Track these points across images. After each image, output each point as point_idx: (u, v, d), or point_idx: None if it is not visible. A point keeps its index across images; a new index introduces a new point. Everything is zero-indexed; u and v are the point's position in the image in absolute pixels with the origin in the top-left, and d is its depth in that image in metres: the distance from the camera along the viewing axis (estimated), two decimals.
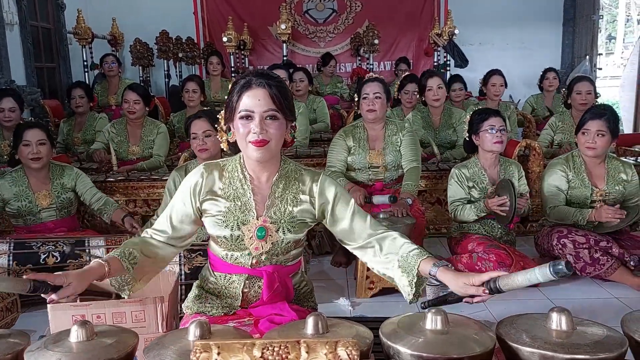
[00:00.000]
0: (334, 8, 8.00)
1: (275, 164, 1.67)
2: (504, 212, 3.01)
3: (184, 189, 1.67)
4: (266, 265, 1.67)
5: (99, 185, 3.73)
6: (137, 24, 7.27)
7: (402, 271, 1.58)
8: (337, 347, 1.05)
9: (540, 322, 1.32)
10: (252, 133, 1.54)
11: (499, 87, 4.85)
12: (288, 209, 1.65)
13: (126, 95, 4.06)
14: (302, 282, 1.82)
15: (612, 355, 1.19)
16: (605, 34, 18.84)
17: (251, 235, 1.63)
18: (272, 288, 1.65)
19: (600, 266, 3.01)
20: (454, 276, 1.50)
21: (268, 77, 1.57)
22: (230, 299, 1.70)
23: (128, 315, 1.93)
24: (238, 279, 1.69)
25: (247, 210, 1.63)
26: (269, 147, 1.56)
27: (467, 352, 1.21)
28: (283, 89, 1.58)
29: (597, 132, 3.08)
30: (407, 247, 1.60)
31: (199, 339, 1.27)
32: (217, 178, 1.66)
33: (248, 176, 1.66)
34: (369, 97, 3.33)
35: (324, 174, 1.71)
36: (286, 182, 1.67)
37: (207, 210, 1.65)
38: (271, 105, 1.55)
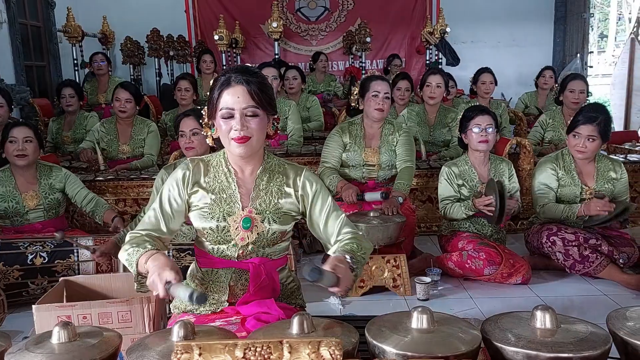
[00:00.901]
0: (326, 6, 8.00)
1: (259, 158, 1.70)
2: (490, 212, 3.01)
3: (173, 183, 1.67)
4: (252, 258, 1.68)
5: (88, 184, 3.70)
6: (127, 22, 7.23)
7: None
8: (320, 347, 1.05)
9: (524, 321, 1.32)
10: (233, 130, 1.57)
11: (489, 85, 4.86)
12: (273, 200, 1.69)
13: (117, 93, 4.03)
14: (289, 278, 1.82)
15: (595, 353, 1.19)
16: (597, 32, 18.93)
17: (237, 225, 1.65)
18: (258, 281, 1.66)
19: (589, 263, 3.02)
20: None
21: (247, 74, 1.59)
22: (218, 293, 1.70)
23: (114, 315, 1.93)
24: (225, 272, 1.70)
25: (233, 202, 1.66)
26: (250, 142, 1.59)
27: (452, 351, 1.20)
28: (262, 85, 1.60)
29: (588, 136, 3.08)
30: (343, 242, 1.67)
31: (183, 339, 1.26)
32: (202, 171, 1.69)
33: (232, 170, 1.69)
34: (379, 95, 3.29)
35: (306, 169, 1.75)
36: (270, 175, 1.71)
37: (193, 203, 1.67)
38: (250, 102, 1.57)
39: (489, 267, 3.00)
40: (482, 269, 3.01)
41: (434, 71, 4.33)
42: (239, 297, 1.68)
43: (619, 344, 1.29)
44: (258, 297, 1.66)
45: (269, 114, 1.64)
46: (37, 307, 1.90)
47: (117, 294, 2.19)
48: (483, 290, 3.00)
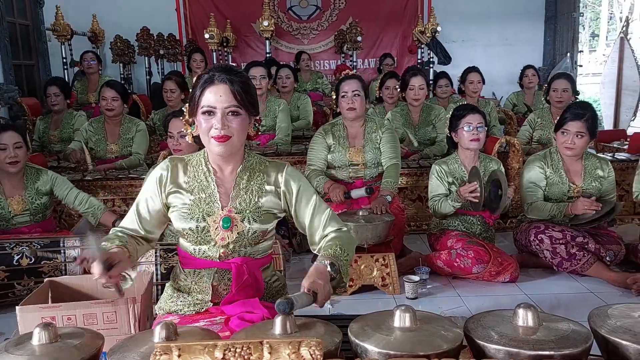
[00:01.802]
0: (317, 5, 7.99)
1: (239, 156, 1.70)
2: (475, 199, 3.02)
3: (150, 184, 1.68)
4: (235, 257, 1.68)
5: (76, 184, 3.68)
6: (117, 21, 7.19)
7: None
8: (301, 347, 1.04)
9: (507, 319, 1.32)
10: (214, 128, 1.57)
11: (476, 84, 4.88)
12: (253, 199, 1.68)
13: (103, 92, 4.01)
14: (273, 277, 1.82)
15: (576, 351, 1.19)
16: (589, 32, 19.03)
17: (216, 226, 1.65)
18: (241, 280, 1.66)
19: (576, 261, 3.04)
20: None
21: (230, 73, 1.59)
22: (201, 294, 1.70)
23: (99, 316, 1.92)
24: (207, 273, 1.69)
25: (212, 201, 1.66)
26: (231, 142, 1.59)
27: (433, 350, 1.20)
28: (246, 85, 1.60)
29: (576, 133, 3.10)
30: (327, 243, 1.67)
31: (165, 340, 1.25)
32: (181, 171, 1.69)
33: (212, 169, 1.69)
34: (347, 95, 3.32)
35: (288, 165, 1.75)
36: (250, 174, 1.70)
37: (172, 204, 1.67)
38: (233, 101, 1.57)
39: (477, 266, 3.01)
40: (470, 267, 3.02)
41: (415, 73, 4.32)
42: (223, 297, 1.67)
43: (600, 342, 1.29)
44: (242, 296, 1.65)
45: (250, 114, 1.63)
46: (21, 308, 1.88)
47: (102, 295, 2.17)
48: (471, 288, 3.01)
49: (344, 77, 3.46)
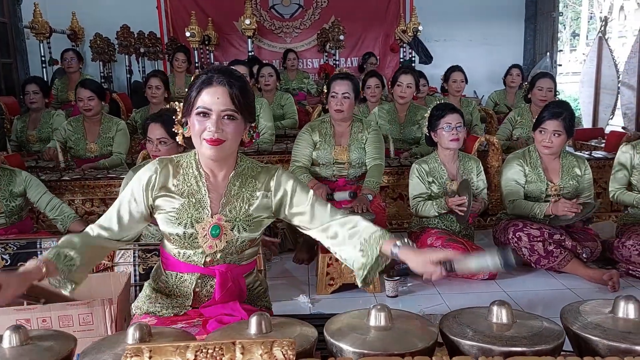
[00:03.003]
0: (299, 3, 7.96)
1: (232, 161, 1.64)
2: (462, 212, 3.05)
3: (136, 185, 1.61)
4: (219, 264, 1.64)
5: (54, 184, 3.65)
6: (97, 18, 7.09)
7: (362, 254, 1.57)
8: (273, 347, 1.04)
9: (482, 316, 1.33)
10: (207, 131, 1.51)
11: (459, 84, 4.91)
12: (244, 207, 1.63)
13: (79, 92, 3.95)
14: (256, 282, 1.79)
15: (548, 347, 1.21)
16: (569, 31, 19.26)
17: (205, 233, 1.60)
18: (224, 287, 1.62)
19: (554, 258, 3.08)
20: (415, 254, 1.51)
21: (231, 76, 1.53)
22: (181, 298, 1.67)
23: (75, 318, 1.88)
24: (190, 278, 1.65)
25: (202, 207, 1.60)
26: (223, 146, 1.53)
27: (408, 348, 1.21)
28: (244, 89, 1.55)
29: (553, 131, 3.14)
30: (369, 230, 1.60)
31: (138, 341, 1.24)
32: (171, 174, 1.62)
33: (203, 173, 1.63)
34: (337, 96, 3.31)
35: (280, 168, 1.70)
36: (242, 180, 1.65)
37: (159, 207, 1.61)
38: (230, 105, 1.51)
39: None
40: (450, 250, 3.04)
41: (406, 70, 4.34)
42: (203, 302, 1.65)
43: (572, 338, 1.32)
44: (223, 302, 1.62)
45: (246, 120, 1.58)
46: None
47: (80, 296, 2.13)
48: (451, 286, 3.03)
49: (337, 75, 3.45)
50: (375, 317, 1.31)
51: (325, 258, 2.95)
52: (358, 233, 1.59)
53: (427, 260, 1.46)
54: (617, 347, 1.19)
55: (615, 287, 2.90)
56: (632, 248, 3.02)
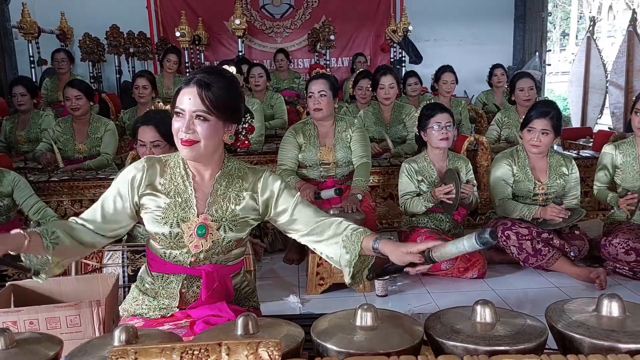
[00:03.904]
0: (290, 3, 7.97)
1: (217, 161, 1.64)
2: (450, 200, 3.07)
3: (122, 181, 1.61)
4: (205, 264, 1.64)
5: (42, 185, 3.63)
6: (87, 18, 7.06)
7: (346, 251, 1.57)
8: (259, 348, 1.05)
9: (466, 315, 1.35)
10: (180, 131, 1.52)
11: (450, 84, 4.94)
12: (230, 207, 1.63)
13: (66, 92, 3.93)
14: (243, 283, 1.79)
15: (531, 345, 1.22)
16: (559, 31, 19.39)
17: (191, 232, 1.60)
18: (210, 288, 1.62)
19: (542, 256, 3.11)
20: (394, 247, 1.52)
21: (209, 76, 1.53)
22: (168, 299, 1.66)
23: (63, 320, 1.88)
24: (176, 279, 1.65)
25: (188, 207, 1.61)
26: (197, 147, 1.53)
27: (393, 348, 1.22)
28: (222, 89, 1.53)
29: (541, 130, 3.17)
30: (351, 227, 1.61)
31: (124, 344, 1.24)
32: (158, 173, 1.62)
33: (190, 173, 1.64)
34: (314, 95, 3.33)
35: (267, 170, 1.70)
36: (229, 180, 1.65)
37: (145, 205, 1.61)
38: (200, 106, 1.51)
39: (446, 262, 3.05)
40: (439, 263, 3.04)
41: (385, 72, 4.33)
42: (190, 304, 1.65)
43: (557, 336, 1.33)
44: (210, 302, 1.62)
45: (226, 120, 1.56)
46: None
47: (68, 298, 2.13)
48: (440, 285, 3.05)
49: (313, 76, 3.48)
50: (361, 317, 1.31)
51: (315, 258, 2.96)
52: (341, 231, 1.61)
53: (405, 251, 1.48)
54: (600, 345, 1.21)
55: (602, 285, 2.93)
56: (618, 246, 3.05)
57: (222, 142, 1.62)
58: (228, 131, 1.59)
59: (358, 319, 1.32)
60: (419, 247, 1.47)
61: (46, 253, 1.48)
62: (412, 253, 1.47)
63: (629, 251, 3.01)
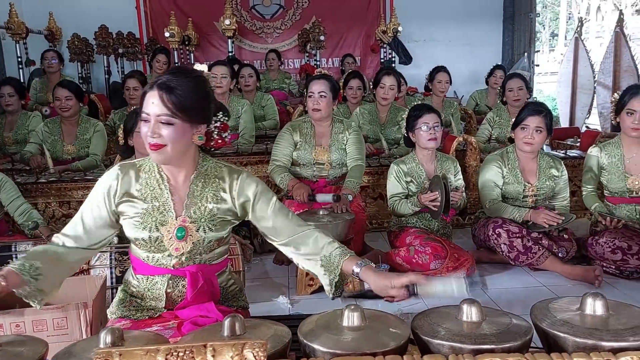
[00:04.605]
0: (280, 4, 7.97)
1: (191, 162, 1.64)
2: (435, 207, 3.08)
3: (97, 192, 1.61)
4: (189, 265, 1.64)
5: (30, 187, 3.61)
6: (75, 19, 7.02)
7: (325, 270, 1.61)
8: (244, 349, 1.05)
9: (452, 314, 1.35)
10: (148, 135, 1.52)
11: (444, 84, 4.97)
12: (208, 207, 1.63)
13: (56, 92, 3.91)
14: (229, 281, 1.79)
15: (516, 344, 1.23)
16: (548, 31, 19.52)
17: (170, 235, 1.60)
18: (195, 287, 1.63)
19: (532, 254, 3.12)
20: (377, 278, 1.53)
21: (172, 78, 1.52)
22: (154, 300, 1.66)
23: (49, 322, 1.87)
24: (161, 280, 1.65)
25: (166, 210, 1.61)
26: (164, 151, 1.53)
27: (380, 347, 1.22)
28: (187, 91, 1.51)
29: (535, 128, 3.19)
30: (329, 247, 1.63)
31: (110, 346, 1.23)
32: (133, 179, 1.62)
33: (165, 176, 1.63)
34: (314, 95, 3.33)
35: (243, 172, 1.69)
36: (205, 180, 1.65)
37: (124, 213, 1.61)
38: (163, 109, 1.50)
39: (434, 262, 3.06)
40: (428, 263, 3.07)
41: (388, 72, 4.35)
42: (177, 304, 1.65)
43: (541, 335, 1.34)
44: (197, 302, 1.62)
45: (192, 122, 1.55)
46: None
47: (54, 300, 2.12)
48: None
49: (314, 76, 3.47)
50: (348, 317, 1.32)
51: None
52: (318, 250, 1.63)
53: (389, 285, 1.49)
54: (584, 344, 1.22)
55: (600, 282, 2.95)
56: (605, 245, 3.07)
57: (193, 143, 1.61)
58: (197, 132, 1.58)
59: (345, 319, 1.32)
60: (401, 281, 1.48)
61: (30, 286, 1.47)
62: (396, 288, 1.48)
63: (615, 250, 3.04)
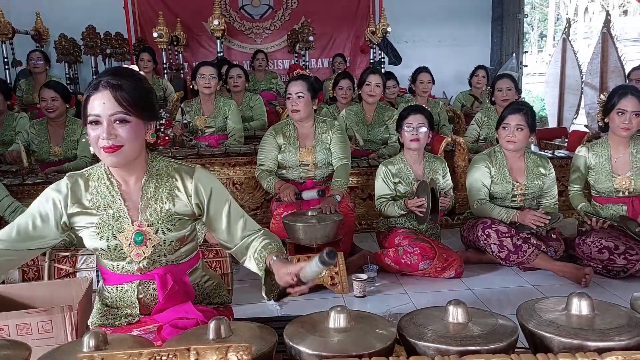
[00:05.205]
0: (269, 4, 7.96)
1: (141, 164, 1.60)
2: (421, 213, 3.09)
3: (43, 203, 1.56)
4: (156, 268, 1.61)
5: (16, 188, 3.57)
6: (63, 19, 6.97)
7: (259, 267, 1.62)
8: (228, 352, 1.04)
9: (439, 316, 1.35)
10: (101, 139, 1.46)
11: (427, 84, 4.98)
12: (164, 207, 1.60)
13: (42, 93, 3.87)
14: (203, 277, 1.76)
15: (502, 345, 1.23)
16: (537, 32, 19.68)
17: (129, 242, 1.57)
18: (166, 289, 1.60)
19: (522, 253, 3.13)
20: (280, 266, 1.53)
21: (118, 76, 1.48)
22: (129, 308, 1.64)
23: (34, 326, 1.84)
24: (130, 287, 1.62)
25: (121, 217, 1.57)
26: (122, 152, 1.48)
27: (366, 349, 1.22)
28: (137, 88, 1.49)
29: (516, 126, 3.22)
30: (263, 242, 1.63)
31: (94, 350, 1.22)
32: (82, 189, 1.58)
33: (115, 182, 1.59)
34: (292, 96, 3.33)
35: (198, 169, 1.66)
36: (157, 181, 1.61)
37: (77, 224, 1.57)
38: (117, 108, 1.45)
39: (423, 262, 3.07)
40: (416, 263, 3.08)
41: (374, 70, 4.38)
42: (152, 308, 1.63)
43: (528, 335, 1.34)
44: (172, 304, 1.60)
45: (146, 119, 1.53)
46: None
47: (40, 304, 2.09)
48: (418, 285, 3.06)
49: (292, 78, 3.48)
50: (334, 319, 1.31)
51: (294, 260, 2.95)
52: (258, 247, 1.63)
53: (285, 272, 1.50)
54: (569, 344, 1.22)
55: (587, 283, 2.96)
56: (592, 245, 3.09)
57: (145, 143, 1.58)
58: (149, 130, 1.56)
59: (331, 321, 1.31)
60: (290, 269, 1.50)
61: None
62: (289, 274, 1.49)
63: (602, 250, 3.05)
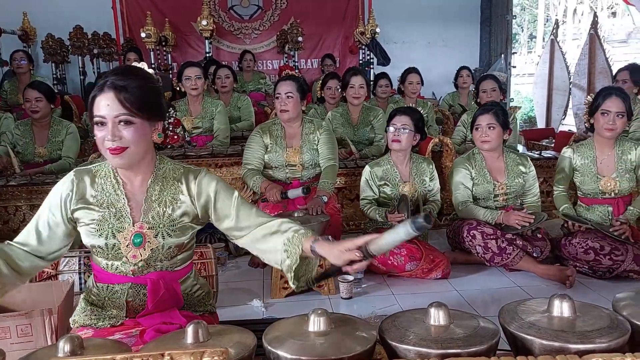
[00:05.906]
0: (259, 4, 7.92)
1: (148, 165, 1.59)
2: None
3: (53, 199, 1.56)
4: (150, 272, 1.59)
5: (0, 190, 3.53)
6: (50, 19, 6.89)
7: (287, 255, 1.52)
8: (203, 357, 1.02)
9: (420, 318, 1.34)
10: (106, 140, 1.46)
11: (415, 85, 4.98)
12: (167, 211, 1.58)
13: (26, 93, 3.83)
14: (194, 287, 1.74)
15: (482, 348, 1.22)
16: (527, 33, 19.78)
17: (127, 242, 1.55)
18: (157, 296, 1.58)
19: (507, 255, 3.14)
20: (331, 246, 1.45)
21: (123, 77, 1.47)
22: (115, 309, 1.62)
23: (13, 329, 1.82)
24: (121, 288, 1.60)
25: (122, 216, 1.56)
26: (127, 153, 1.48)
27: (345, 353, 1.21)
28: (141, 89, 1.48)
29: (487, 125, 3.25)
30: (293, 229, 1.55)
31: (69, 355, 1.20)
32: (88, 185, 1.57)
33: (121, 181, 1.59)
34: (281, 96, 3.32)
35: (203, 171, 1.65)
36: (163, 184, 1.60)
37: (80, 219, 1.56)
38: (121, 109, 1.45)
39: (410, 263, 3.07)
40: (403, 264, 3.08)
41: (355, 72, 4.36)
42: (138, 312, 1.60)
43: (509, 337, 1.34)
44: (159, 310, 1.58)
45: (150, 119, 1.52)
46: None
47: (20, 307, 2.07)
48: (405, 286, 3.06)
49: (281, 78, 3.47)
50: (314, 322, 1.30)
51: None
52: (283, 234, 1.55)
53: (343, 249, 1.41)
54: (550, 346, 1.22)
55: (572, 284, 2.97)
56: (578, 246, 3.10)
57: (152, 144, 1.57)
58: (155, 130, 1.56)
59: (311, 325, 1.30)
60: (356, 242, 1.41)
61: None
62: (350, 250, 1.40)
63: (588, 250, 3.07)
